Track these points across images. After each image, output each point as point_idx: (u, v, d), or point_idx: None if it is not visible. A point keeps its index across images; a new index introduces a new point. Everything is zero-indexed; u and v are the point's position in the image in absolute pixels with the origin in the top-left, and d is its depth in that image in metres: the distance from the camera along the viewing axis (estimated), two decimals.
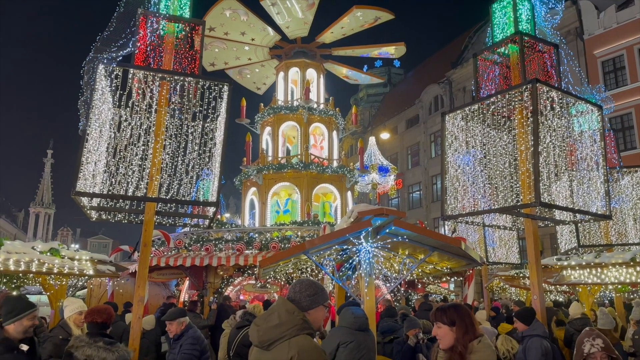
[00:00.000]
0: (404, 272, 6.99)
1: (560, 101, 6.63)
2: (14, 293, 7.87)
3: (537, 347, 5.25)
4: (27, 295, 7.74)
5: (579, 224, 10.19)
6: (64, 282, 7.98)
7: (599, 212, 6.91)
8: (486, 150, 7.03)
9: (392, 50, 21.02)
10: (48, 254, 7.30)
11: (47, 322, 8.84)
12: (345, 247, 6.17)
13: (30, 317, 3.99)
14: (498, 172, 6.83)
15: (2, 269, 6.79)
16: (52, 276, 7.61)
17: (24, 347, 4.03)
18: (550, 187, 6.39)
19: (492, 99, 6.87)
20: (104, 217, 7.07)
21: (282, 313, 2.76)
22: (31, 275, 7.44)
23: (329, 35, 19.48)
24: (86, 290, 13.88)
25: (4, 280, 7.39)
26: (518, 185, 6.63)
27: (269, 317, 2.79)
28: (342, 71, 21.86)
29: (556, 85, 7.05)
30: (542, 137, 6.31)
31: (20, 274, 7.30)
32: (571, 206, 6.71)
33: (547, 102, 6.49)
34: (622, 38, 24.31)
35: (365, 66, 51.72)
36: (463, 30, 41.02)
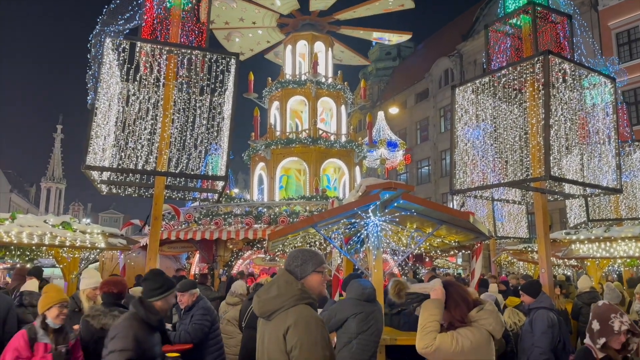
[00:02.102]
0: (412, 246, 7.03)
1: (573, 73, 6.51)
2: (28, 265, 8.03)
3: (543, 319, 5.30)
4: (42, 268, 7.90)
5: (589, 198, 10.14)
6: (76, 255, 8.12)
7: (610, 186, 6.85)
8: (496, 124, 6.96)
9: (396, 38, 21.01)
10: (60, 227, 7.41)
11: None
12: (353, 220, 6.20)
13: (174, 295, 3.84)
14: (508, 145, 6.77)
15: (15, 241, 6.91)
16: (65, 249, 7.74)
17: (170, 327, 3.97)
18: (561, 160, 6.34)
19: (503, 71, 6.76)
20: (114, 190, 7.14)
21: (282, 284, 2.81)
22: (44, 248, 7.57)
23: (351, 13, 19.40)
24: (98, 263, 14.12)
25: (18, 253, 7.53)
26: (528, 159, 6.58)
27: (269, 288, 2.85)
28: (372, 34, 21.65)
29: (569, 57, 6.92)
30: (553, 110, 6.22)
31: (34, 247, 7.43)
32: (581, 180, 6.66)
33: (559, 74, 6.37)
34: (637, 9, 23.67)
35: (375, 41, 50.95)
36: (475, 1, 40.15)
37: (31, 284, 6.37)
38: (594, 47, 9.71)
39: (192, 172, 6.43)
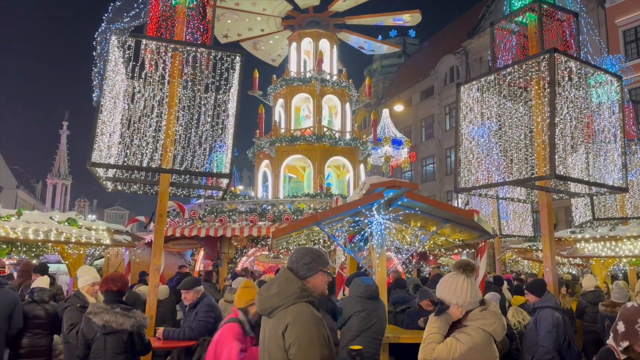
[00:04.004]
0: (416, 244, 7.03)
1: (579, 71, 6.48)
2: (34, 261, 8.09)
3: (548, 318, 5.29)
4: (47, 265, 7.96)
5: (595, 197, 10.09)
6: (81, 251, 8.17)
7: (615, 185, 6.82)
8: (502, 122, 6.93)
9: (407, 18, 20.42)
10: (65, 223, 7.46)
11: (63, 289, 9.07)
12: (357, 218, 6.21)
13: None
14: (513, 144, 6.74)
15: (21, 237, 6.96)
16: (70, 245, 7.80)
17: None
18: (566, 159, 6.31)
19: (508, 69, 6.73)
20: (119, 187, 7.16)
21: (282, 282, 2.84)
22: (50, 244, 7.62)
23: (342, 3, 19.02)
24: (103, 259, 14.19)
25: (24, 249, 7.58)
26: (533, 157, 6.56)
27: (270, 286, 2.88)
28: (358, 41, 21.42)
29: (575, 55, 6.88)
30: (559, 109, 6.20)
31: (40, 243, 7.48)
32: (587, 179, 6.63)
33: (565, 72, 6.34)
34: None
35: (380, 36, 50.81)
36: None
37: (42, 281, 6.43)
38: (600, 45, 9.66)
39: (196, 170, 6.44)
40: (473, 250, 12.53)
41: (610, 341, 3.00)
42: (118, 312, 4.32)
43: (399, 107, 31.43)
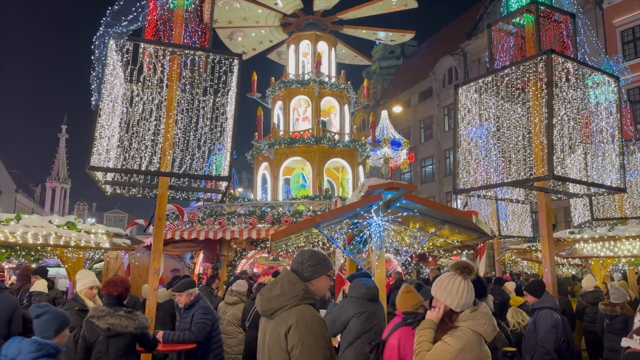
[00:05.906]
0: (415, 246, 7.03)
1: (576, 72, 6.49)
2: (33, 265, 8.09)
3: (547, 319, 5.30)
4: (46, 268, 7.96)
5: (593, 197, 10.11)
6: (81, 255, 8.17)
7: (614, 185, 6.83)
8: (500, 123, 6.95)
9: (399, 38, 20.36)
10: (65, 227, 7.46)
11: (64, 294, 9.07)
12: (356, 220, 6.22)
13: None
14: (511, 145, 6.76)
15: (20, 242, 6.96)
16: (70, 249, 7.79)
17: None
18: (565, 160, 6.33)
19: (506, 71, 6.75)
20: (118, 191, 7.17)
21: (285, 283, 2.84)
22: (49, 248, 7.62)
23: (319, 3, 18.74)
24: (103, 262, 14.19)
25: (23, 253, 7.57)
26: (531, 158, 6.57)
27: (272, 287, 2.88)
28: (375, 34, 21.34)
29: (572, 56, 6.90)
30: (556, 109, 6.21)
31: (39, 247, 7.48)
32: (585, 179, 6.65)
33: (563, 73, 6.36)
34: None
35: (378, 41, 50.97)
36: None
37: (40, 285, 6.44)
38: (597, 46, 9.68)
39: (195, 173, 6.44)
40: (472, 251, 12.55)
41: (635, 345, 2.88)
42: (122, 315, 4.34)
43: (397, 109, 31.45)
